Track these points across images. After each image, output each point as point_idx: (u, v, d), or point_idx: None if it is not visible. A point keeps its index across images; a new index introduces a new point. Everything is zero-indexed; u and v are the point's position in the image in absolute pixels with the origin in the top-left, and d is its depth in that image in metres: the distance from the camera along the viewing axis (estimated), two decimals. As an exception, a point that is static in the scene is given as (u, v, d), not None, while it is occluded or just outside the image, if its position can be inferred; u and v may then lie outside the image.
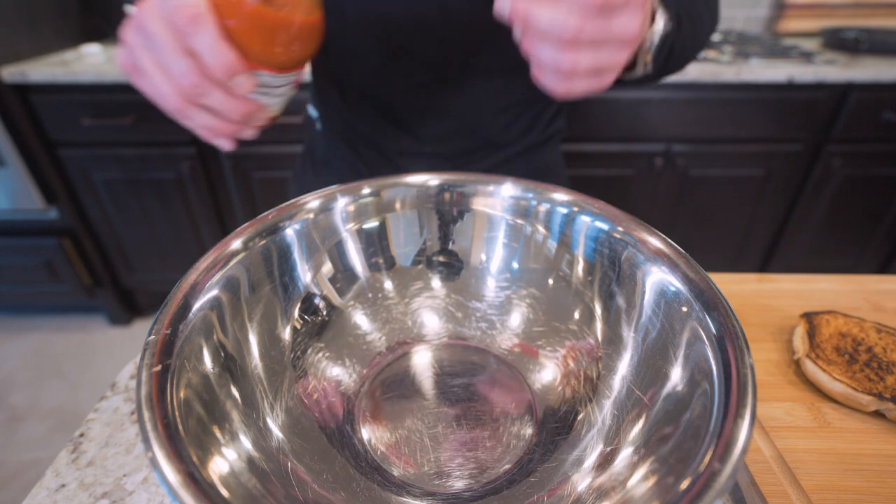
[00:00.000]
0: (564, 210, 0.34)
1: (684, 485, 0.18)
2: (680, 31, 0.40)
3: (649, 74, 0.39)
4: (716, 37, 1.43)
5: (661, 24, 0.37)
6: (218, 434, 0.22)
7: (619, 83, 0.39)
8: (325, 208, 0.34)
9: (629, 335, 0.30)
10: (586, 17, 0.26)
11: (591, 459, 0.26)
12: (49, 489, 0.30)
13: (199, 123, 0.29)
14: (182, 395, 0.21)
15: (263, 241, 0.30)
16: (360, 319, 0.36)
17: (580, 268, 0.33)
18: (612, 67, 0.31)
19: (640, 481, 0.22)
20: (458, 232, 0.37)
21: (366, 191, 0.35)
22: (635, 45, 0.31)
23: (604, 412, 0.29)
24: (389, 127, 0.55)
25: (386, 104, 0.53)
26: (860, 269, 1.42)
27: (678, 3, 0.41)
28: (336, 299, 0.35)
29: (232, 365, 0.26)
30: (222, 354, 0.26)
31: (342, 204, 0.35)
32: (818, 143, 1.22)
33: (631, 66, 0.39)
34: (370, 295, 0.36)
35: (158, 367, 0.21)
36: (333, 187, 0.35)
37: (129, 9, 0.27)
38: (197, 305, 0.25)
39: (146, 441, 0.18)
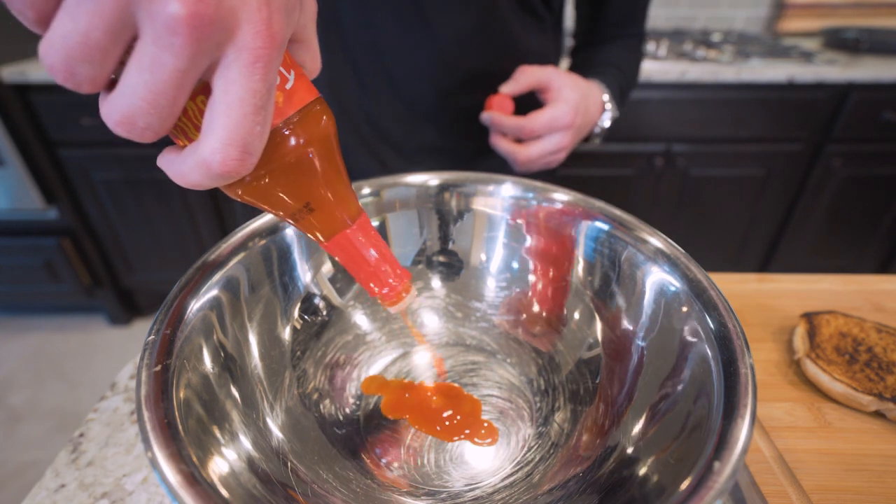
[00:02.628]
0: (564, 210, 0.34)
1: (684, 485, 0.18)
2: (623, 102, 0.57)
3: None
4: (716, 36, 1.43)
5: (608, 117, 0.52)
6: (218, 434, 0.22)
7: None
8: (325, 208, 0.34)
9: (629, 336, 0.30)
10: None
11: (591, 460, 0.26)
12: (49, 489, 0.30)
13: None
14: (182, 395, 0.21)
15: (263, 241, 0.30)
16: (360, 319, 0.36)
17: (580, 268, 0.33)
18: (554, 161, 0.48)
19: (640, 481, 0.22)
20: (458, 232, 0.37)
21: (366, 191, 0.35)
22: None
23: (603, 412, 0.29)
24: (415, 120, 0.54)
25: (415, 99, 0.53)
26: (860, 269, 1.42)
27: (621, 79, 0.56)
28: (336, 299, 0.35)
29: (232, 365, 0.26)
30: (222, 354, 0.26)
31: (342, 204, 0.35)
32: (818, 143, 1.22)
33: (586, 139, 0.54)
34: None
35: (158, 367, 0.21)
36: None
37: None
38: (197, 305, 0.25)
39: (146, 441, 0.18)
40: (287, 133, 0.18)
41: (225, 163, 0.15)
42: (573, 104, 0.46)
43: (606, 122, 0.52)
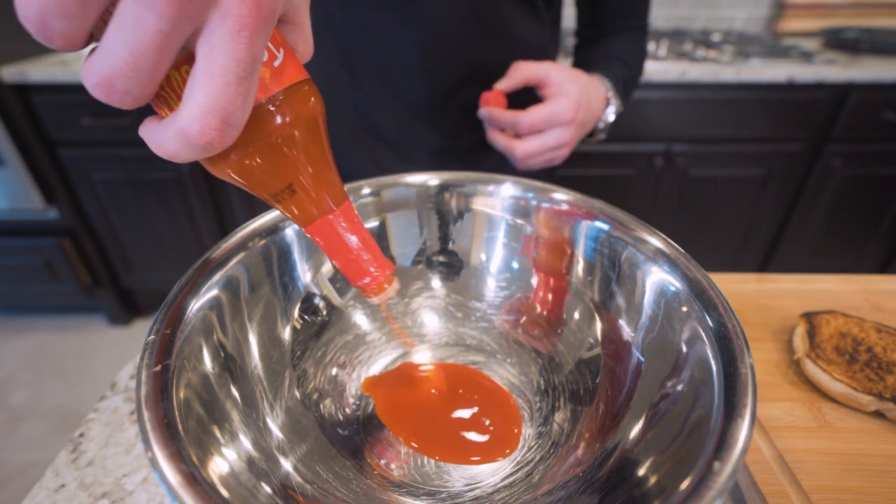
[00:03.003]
0: (564, 210, 0.34)
1: (684, 485, 0.18)
2: (627, 96, 0.56)
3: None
4: (716, 36, 1.43)
5: (612, 111, 0.52)
6: (218, 434, 0.22)
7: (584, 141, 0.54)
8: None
9: (629, 335, 0.30)
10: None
11: (591, 460, 0.26)
12: (49, 489, 0.30)
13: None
14: (182, 395, 0.21)
15: (263, 241, 0.30)
16: (360, 319, 0.36)
17: (580, 268, 0.33)
18: (557, 158, 0.47)
19: (640, 481, 0.22)
20: (458, 232, 0.37)
21: (366, 191, 0.35)
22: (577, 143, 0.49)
23: (603, 412, 0.29)
24: (411, 118, 0.54)
25: (410, 95, 0.52)
26: (860, 269, 1.42)
27: (625, 72, 0.55)
28: (336, 299, 0.35)
29: (232, 365, 0.26)
30: (222, 354, 0.26)
31: (342, 204, 0.35)
32: (818, 143, 1.22)
33: (590, 134, 0.53)
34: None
35: (158, 367, 0.21)
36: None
37: None
38: (197, 305, 0.25)
39: (146, 441, 0.18)
40: (272, 110, 0.17)
41: (204, 132, 0.15)
42: (574, 98, 0.45)
43: (611, 117, 0.51)
